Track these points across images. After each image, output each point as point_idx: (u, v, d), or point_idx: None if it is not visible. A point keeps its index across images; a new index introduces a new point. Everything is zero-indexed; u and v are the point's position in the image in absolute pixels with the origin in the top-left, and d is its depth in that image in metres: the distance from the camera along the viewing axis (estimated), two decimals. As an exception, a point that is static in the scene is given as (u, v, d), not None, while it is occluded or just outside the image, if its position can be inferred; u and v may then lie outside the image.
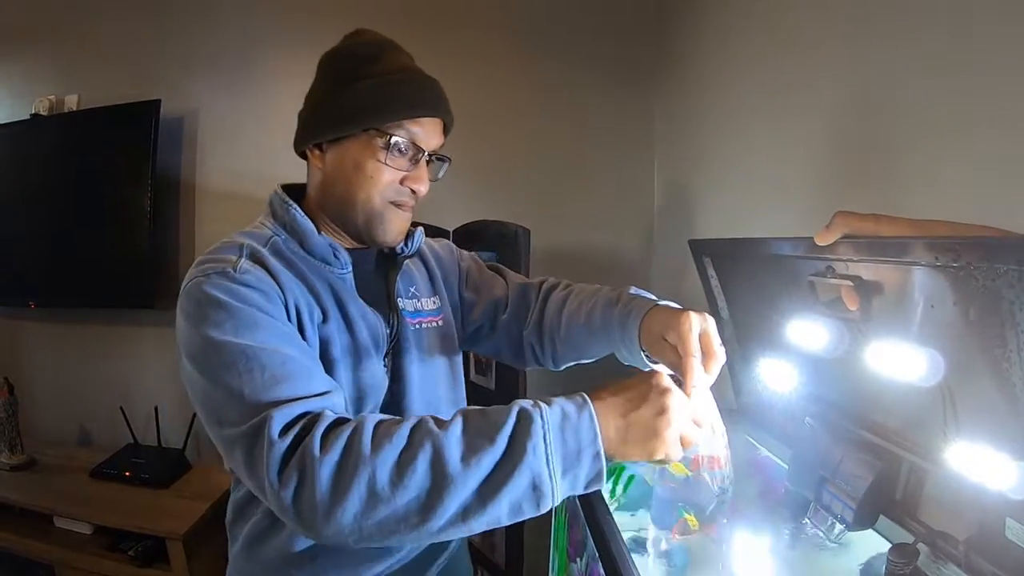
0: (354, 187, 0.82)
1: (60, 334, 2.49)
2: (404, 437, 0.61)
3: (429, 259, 1.03)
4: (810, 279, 0.96)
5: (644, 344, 0.81)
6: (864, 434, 0.95)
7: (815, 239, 0.81)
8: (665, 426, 0.62)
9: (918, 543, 0.81)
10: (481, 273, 1.08)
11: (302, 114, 0.87)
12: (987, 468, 0.68)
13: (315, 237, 0.83)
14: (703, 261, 1.26)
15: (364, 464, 0.59)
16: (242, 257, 0.76)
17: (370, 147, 0.80)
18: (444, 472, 0.58)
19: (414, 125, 0.81)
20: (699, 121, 1.89)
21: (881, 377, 0.83)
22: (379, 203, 0.83)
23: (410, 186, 0.84)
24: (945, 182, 0.92)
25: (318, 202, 0.87)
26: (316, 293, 0.81)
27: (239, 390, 0.66)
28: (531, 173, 2.22)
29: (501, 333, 1.05)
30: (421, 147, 0.83)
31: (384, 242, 0.87)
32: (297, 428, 0.63)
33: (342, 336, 0.82)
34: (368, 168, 0.81)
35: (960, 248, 0.62)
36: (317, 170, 0.86)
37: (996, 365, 0.67)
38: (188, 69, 2.26)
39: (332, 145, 0.83)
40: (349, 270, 0.86)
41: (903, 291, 0.80)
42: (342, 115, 0.80)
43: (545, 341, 1.01)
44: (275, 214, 0.87)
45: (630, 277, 2.18)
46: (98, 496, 1.97)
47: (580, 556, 1.12)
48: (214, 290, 0.71)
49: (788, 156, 1.36)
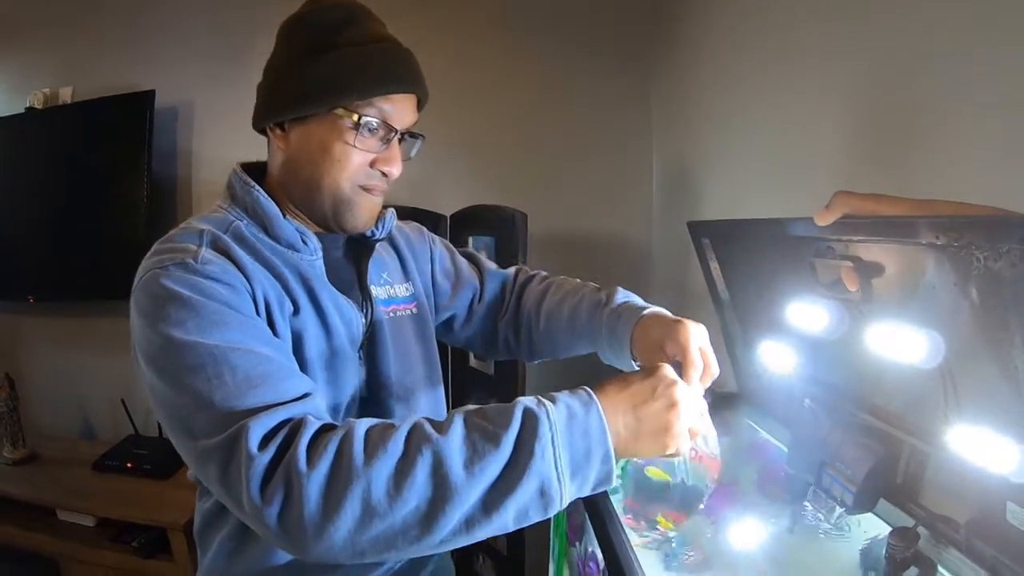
0: (320, 171, 0.76)
1: (60, 328, 2.49)
2: (400, 444, 0.56)
3: (400, 243, 0.97)
4: (810, 260, 0.95)
5: (636, 352, 0.80)
6: (865, 417, 0.94)
7: (815, 219, 0.79)
8: (676, 419, 0.60)
9: (918, 527, 0.80)
10: (454, 259, 1.04)
11: (261, 88, 0.79)
12: (988, 451, 0.67)
13: (280, 221, 0.77)
14: (702, 243, 1.24)
15: (357, 477, 0.54)
16: (203, 246, 0.70)
17: (337, 127, 0.74)
18: (446, 481, 0.54)
19: (385, 102, 0.74)
20: (698, 102, 1.85)
21: (882, 359, 0.81)
22: (348, 188, 0.77)
23: (381, 168, 0.77)
24: (958, 166, 0.90)
25: (280, 184, 0.80)
26: (284, 282, 0.75)
27: (209, 397, 0.59)
28: (528, 157, 2.20)
29: (475, 323, 1.03)
30: (393, 126, 0.76)
31: (353, 229, 0.81)
32: (279, 439, 0.57)
33: (315, 328, 0.77)
34: (335, 151, 0.74)
35: (962, 227, 0.60)
36: (279, 151, 0.79)
37: (998, 347, 0.65)
38: (182, 59, 2.24)
39: (295, 124, 0.76)
40: (319, 256, 0.80)
41: (904, 272, 0.79)
42: (306, 92, 0.73)
43: (521, 334, 0.99)
44: (235, 197, 0.79)
45: (630, 261, 2.18)
46: (100, 488, 1.97)
47: (579, 540, 1.12)
48: (174, 284, 0.64)
49: (791, 137, 1.33)
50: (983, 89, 0.84)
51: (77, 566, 1.88)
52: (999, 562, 0.70)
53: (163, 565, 1.79)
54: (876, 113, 1.07)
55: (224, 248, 0.71)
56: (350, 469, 0.54)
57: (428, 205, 1.94)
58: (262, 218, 0.77)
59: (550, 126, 2.19)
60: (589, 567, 1.03)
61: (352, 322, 0.81)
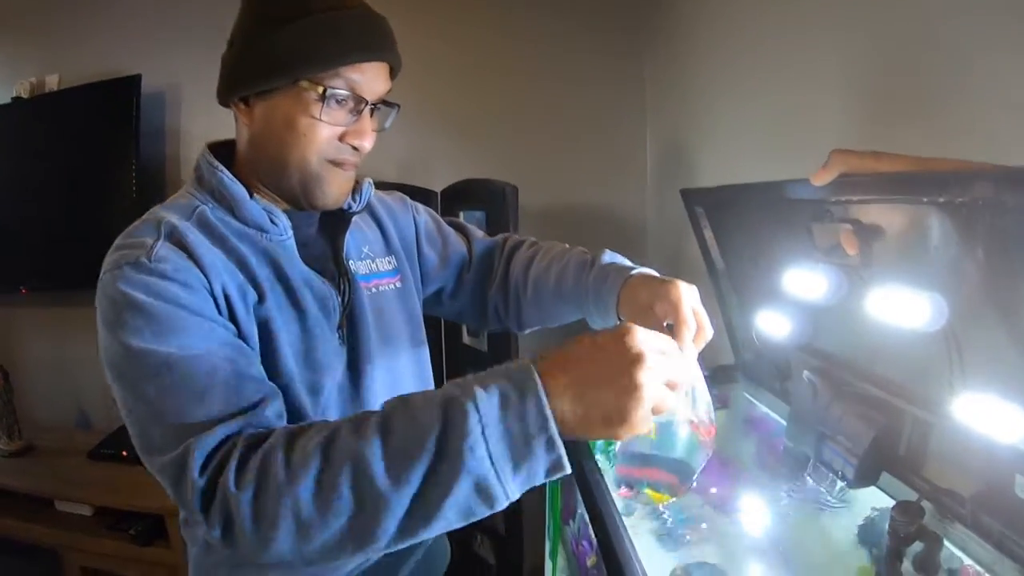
0: (286, 147, 0.71)
1: (53, 318, 2.47)
2: (319, 456, 0.54)
3: (381, 214, 0.93)
4: (808, 225, 0.90)
5: (624, 313, 0.76)
6: (866, 387, 0.90)
7: (811, 180, 0.75)
8: (635, 407, 0.51)
9: (922, 500, 0.76)
10: (440, 229, 1.00)
11: (224, 60, 0.74)
12: (996, 420, 0.63)
13: (247, 203, 0.73)
14: (696, 212, 1.19)
15: (283, 494, 0.53)
16: (159, 239, 0.67)
17: (302, 101, 0.69)
18: (370, 493, 0.52)
19: (353, 72, 0.70)
20: (692, 72, 1.80)
21: (883, 326, 0.77)
22: (316, 163, 0.72)
23: (351, 142, 0.73)
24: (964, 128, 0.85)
25: (248, 161, 0.76)
26: (249, 270, 0.71)
27: (161, 408, 0.59)
28: (520, 131, 2.15)
29: (465, 294, 0.99)
30: (363, 97, 0.71)
31: (323, 206, 0.77)
32: (215, 462, 0.57)
33: (285, 311, 0.73)
34: (301, 125, 0.70)
35: (966, 183, 0.55)
36: (244, 127, 0.75)
37: (1006, 310, 0.61)
38: (168, 42, 2.19)
39: (259, 98, 0.71)
40: (289, 235, 0.76)
41: (905, 233, 0.74)
42: (268, 64, 0.68)
43: (510, 302, 0.96)
44: (201, 180, 0.76)
45: (624, 233, 2.15)
46: (97, 477, 1.95)
47: (572, 519, 1.09)
48: (129, 288, 0.63)
49: (787, 104, 1.29)
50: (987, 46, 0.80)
51: (76, 556, 1.87)
52: (1007, 538, 0.66)
53: (161, 552, 1.77)
54: (874, 76, 1.03)
55: (180, 239, 0.68)
56: (275, 487, 0.54)
57: (418, 181, 1.91)
58: (228, 201, 0.74)
59: (541, 98, 2.14)
60: (583, 545, 1.01)
61: (327, 300, 0.78)
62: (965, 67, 0.86)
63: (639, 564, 0.74)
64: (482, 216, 1.76)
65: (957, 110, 0.87)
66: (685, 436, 0.67)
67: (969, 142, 0.84)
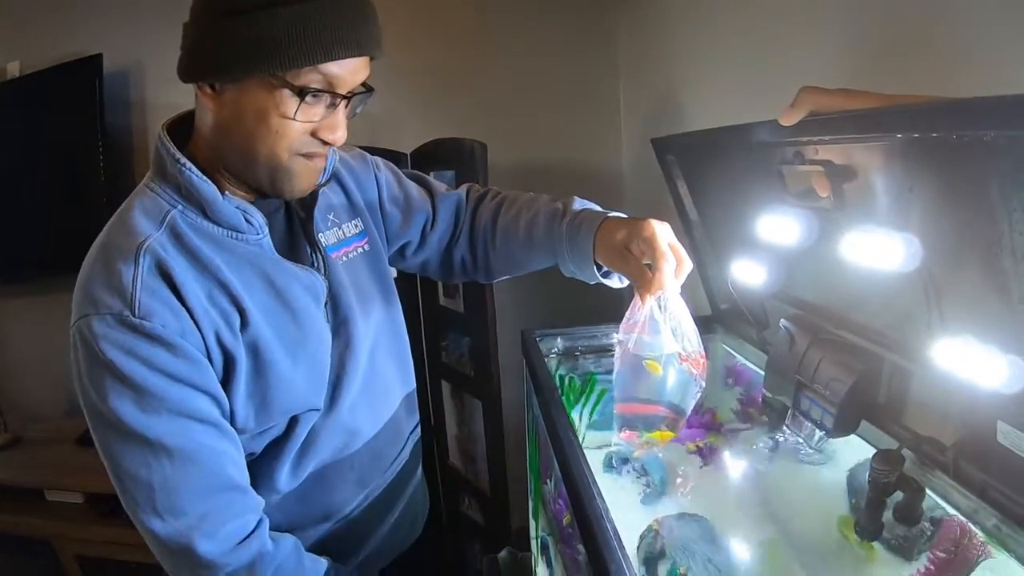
0: (255, 140, 0.66)
1: (31, 307, 2.42)
2: None
3: (344, 177, 0.89)
4: (778, 169, 0.86)
5: (600, 257, 0.76)
6: (843, 335, 0.87)
7: (780, 119, 0.70)
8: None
9: (903, 449, 0.74)
10: (401, 183, 0.96)
11: (188, 36, 0.67)
12: (976, 365, 0.60)
13: (219, 204, 0.68)
14: (667, 160, 1.14)
15: None
16: (139, 274, 0.64)
17: (275, 96, 0.63)
18: None
19: (332, 67, 0.64)
20: (664, 16, 1.72)
21: (859, 271, 0.74)
22: (286, 159, 0.68)
23: (323, 137, 0.68)
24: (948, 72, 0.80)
25: (210, 146, 0.70)
26: (230, 289, 0.68)
27: (148, 480, 0.64)
28: (487, 86, 2.07)
29: (430, 247, 0.97)
30: (339, 92, 0.66)
31: (291, 197, 0.73)
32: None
33: (277, 316, 0.72)
34: (273, 122, 0.65)
35: (939, 115, 0.50)
36: (208, 111, 0.68)
37: (984, 250, 0.57)
38: (127, 19, 2.08)
39: (229, 86, 0.65)
40: (265, 232, 0.73)
41: (878, 173, 0.69)
42: (239, 54, 0.61)
43: (478, 254, 0.94)
44: (165, 174, 0.70)
45: (599, 189, 2.08)
46: (87, 464, 1.93)
47: (549, 478, 1.08)
48: (113, 350, 0.62)
49: (764, 51, 1.22)
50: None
51: (70, 545, 1.87)
52: (989, 486, 0.64)
53: (154, 535, 1.78)
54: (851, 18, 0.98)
55: (165, 269, 0.65)
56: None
57: (388, 144, 1.85)
58: (198, 201, 0.69)
59: (509, 52, 2.06)
60: (559, 504, 0.99)
61: (315, 287, 0.77)
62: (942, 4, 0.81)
63: (611, 523, 0.72)
64: (452, 176, 1.73)
65: (937, 48, 0.83)
66: (676, 370, 0.67)
67: (949, 79, 0.80)
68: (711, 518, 0.89)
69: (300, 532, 0.81)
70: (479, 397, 1.76)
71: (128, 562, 1.82)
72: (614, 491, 1.01)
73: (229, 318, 0.68)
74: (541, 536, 1.21)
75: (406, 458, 0.97)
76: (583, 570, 0.79)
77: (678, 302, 0.66)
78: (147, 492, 0.65)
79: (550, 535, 1.10)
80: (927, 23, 0.85)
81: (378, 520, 0.92)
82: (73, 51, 2.08)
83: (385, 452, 0.92)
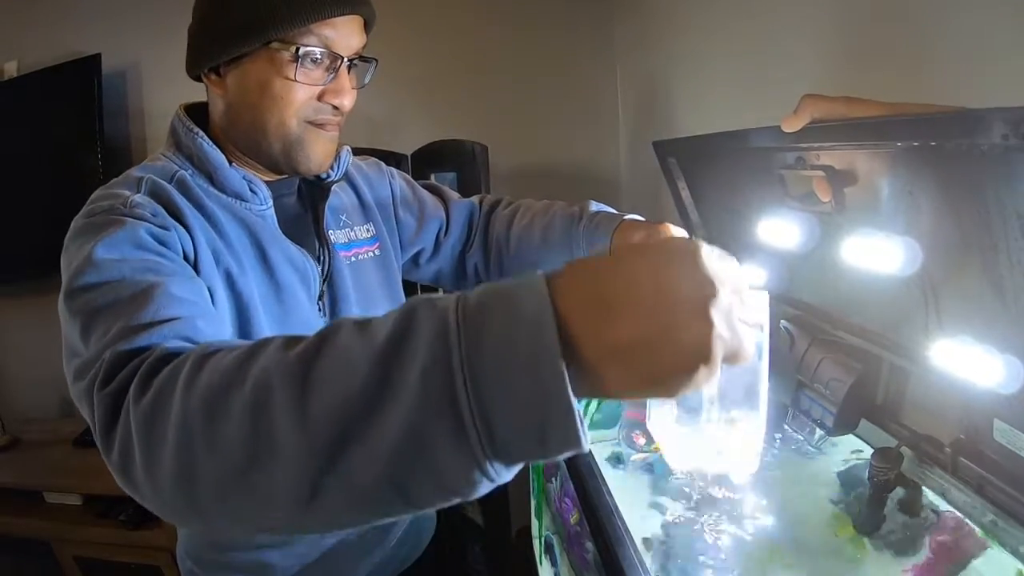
0: (264, 112, 0.68)
1: (27, 309, 2.40)
2: (232, 368, 0.39)
3: (358, 181, 0.90)
4: (780, 173, 0.87)
5: None
6: (843, 335, 0.89)
7: (782, 126, 0.71)
8: (708, 335, 0.31)
9: (902, 447, 0.76)
10: (415, 192, 0.97)
11: (190, 31, 0.71)
12: (973, 365, 0.62)
13: (226, 170, 0.71)
14: (668, 163, 1.16)
15: (174, 407, 0.40)
16: (138, 192, 0.64)
17: (275, 62, 0.66)
18: (266, 433, 0.36)
19: (326, 28, 0.66)
20: (663, 20, 1.73)
21: (859, 273, 0.76)
22: (296, 126, 0.69)
23: (330, 101, 0.70)
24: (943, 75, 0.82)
25: (224, 132, 0.73)
26: (228, 240, 0.69)
27: (95, 319, 0.51)
28: (487, 88, 2.08)
29: (443, 255, 0.97)
30: (338, 53, 0.68)
31: (308, 171, 0.74)
32: (124, 372, 0.45)
33: (262, 286, 0.71)
34: (276, 88, 0.67)
35: (938, 125, 0.52)
36: (217, 97, 0.71)
37: (981, 253, 0.59)
38: (126, 18, 2.08)
39: (231, 67, 0.68)
40: (269, 205, 0.74)
41: (879, 179, 0.71)
42: (236, 28, 0.65)
43: (491, 260, 0.95)
44: (179, 144, 0.73)
45: (598, 189, 2.09)
46: (84, 465, 1.93)
47: (555, 476, 1.09)
48: (96, 218, 0.60)
49: (763, 52, 1.23)
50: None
51: (68, 546, 1.86)
52: (986, 481, 0.66)
53: (151, 534, 1.77)
54: (850, 20, 0.99)
55: (164, 195, 0.65)
56: (170, 400, 0.40)
57: (388, 145, 1.85)
58: (207, 167, 0.71)
59: (509, 55, 2.07)
60: (565, 503, 1.01)
61: (307, 273, 0.76)
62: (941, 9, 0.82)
63: (621, 520, 0.74)
64: (453, 177, 1.74)
65: (933, 53, 0.84)
66: None
67: (945, 85, 0.81)
68: (712, 515, 0.90)
69: (297, 548, 0.81)
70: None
71: (127, 563, 1.82)
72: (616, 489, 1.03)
73: (219, 255, 0.67)
74: (545, 535, 1.22)
75: None
76: (592, 568, 0.80)
77: None
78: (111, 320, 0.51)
79: (555, 534, 1.11)
80: (926, 29, 0.87)
81: (381, 536, 0.90)
82: (71, 51, 2.08)
83: None
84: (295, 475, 0.35)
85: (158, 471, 0.40)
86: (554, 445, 0.32)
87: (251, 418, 0.37)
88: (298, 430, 0.35)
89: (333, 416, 0.34)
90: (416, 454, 0.33)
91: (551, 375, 0.30)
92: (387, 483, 0.34)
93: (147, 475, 0.41)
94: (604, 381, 0.32)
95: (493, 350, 0.31)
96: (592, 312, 0.32)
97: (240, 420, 0.37)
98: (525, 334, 0.31)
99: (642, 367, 0.32)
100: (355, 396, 0.34)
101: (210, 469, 0.38)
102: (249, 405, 0.37)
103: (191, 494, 0.40)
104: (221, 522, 0.43)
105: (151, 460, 0.41)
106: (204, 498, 0.39)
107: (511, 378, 0.31)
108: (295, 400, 0.35)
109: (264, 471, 0.36)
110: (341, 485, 0.35)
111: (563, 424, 0.31)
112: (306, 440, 0.35)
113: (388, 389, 0.33)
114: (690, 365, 0.31)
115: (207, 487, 0.39)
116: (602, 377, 0.32)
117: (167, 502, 0.42)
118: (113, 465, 0.44)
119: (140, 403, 0.42)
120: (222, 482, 0.38)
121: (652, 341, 0.31)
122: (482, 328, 0.32)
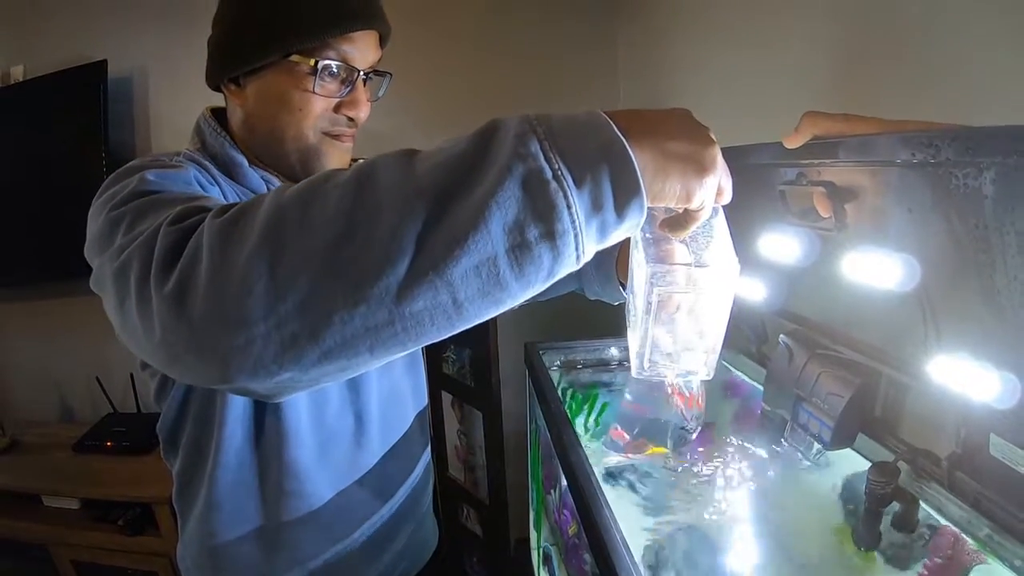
0: (282, 122, 0.72)
1: (27, 313, 2.43)
2: (321, 179, 0.42)
3: None
4: (780, 188, 0.88)
5: (622, 274, 0.80)
6: (841, 350, 0.89)
7: (783, 142, 0.73)
8: (711, 161, 0.45)
9: (899, 461, 0.77)
10: None
11: (211, 42, 0.74)
12: (970, 380, 0.63)
13: (246, 169, 0.74)
14: (670, 177, 1.16)
15: (261, 207, 0.41)
16: (177, 156, 0.69)
17: (294, 75, 0.69)
18: (370, 195, 0.38)
19: (344, 42, 0.69)
20: (665, 35, 1.75)
21: (858, 289, 0.76)
22: (313, 137, 0.73)
23: (346, 113, 0.73)
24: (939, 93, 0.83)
25: (243, 141, 0.76)
26: None
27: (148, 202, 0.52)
28: (491, 102, 2.08)
29: None
30: (355, 66, 0.71)
31: None
32: (200, 212, 0.45)
33: None
34: (295, 100, 0.70)
35: (938, 143, 0.53)
36: (237, 107, 0.75)
37: (979, 270, 0.60)
38: (133, 24, 2.10)
39: (250, 77, 0.71)
40: None
41: (878, 195, 0.72)
42: (256, 41, 0.68)
43: None
44: (204, 143, 0.76)
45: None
46: (83, 470, 1.94)
47: (554, 488, 1.09)
48: (140, 163, 0.62)
49: (766, 72, 1.25)
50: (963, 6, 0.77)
51: (66, 550, 1.87)
52: (983, 496, 0.66)
53: (150, 540, 1.78)
54: (852, 37, 1.01)
55: (201, 164, 0.70)
56: (254, 209, 0.41)
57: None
58: (229, 166, 0.74)
59: (512, 70, 2.10)
60: (564, 514, 1.01)
61: None
62: (940, 25, 0.84)
63: (619, 533, 0.74)
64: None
65: (934, 71, 0.86)
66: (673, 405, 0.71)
67: (944, 101, 0.83)
68: (708, 530, 0.90)
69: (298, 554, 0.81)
70: (479, 408, 1.77)
71: (124, 568, 1.82)
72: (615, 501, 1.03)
73: None
74: (544, 546, 1.22)
75: (415, 481, 0.95)
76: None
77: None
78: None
79: (554, 545, 1.11)
80: (928, 47, 0.88)
81: (385, 544, 0.90)
82: (77, 56, 2.10)
83: (394, 472, 0.90)
84: (398, 231, 0.37)
85: (229, 272, 0.38)
86: (620, 190, 0.40)
87: (354, 189, 0.39)
88: (402, 183, 0.39)
89: (438, 174, 0.39)
90: (514, 201, 0.38)
91: (608, 137, 0.41)
92: (485, 233, 0.37)
93: (211, 286, 0.39)
94: (640, 155, 0.41)
95: (562, 124, 0.41)
96: (633, 118, 0.43)
97: (341, 195, 0.39)
98: (584, 118, 0.42)
99: (669, 150, 0.44)
100: (455, 159, 0.39)
101: (298, 249, 0.38)
102: (351, 181, 0.40)
103: (262, 293, 0.37)
104: (285, 330, 0.38)
105: (223, 261, 0.39)
106: (278, 290, 0.37)
107: (581, 135, 0.41)
108: (401, 167, 0.40)
109: (362, 236, 0.37)
110: (444, 238, 0.37)
111: (622, 167, 0.40)
112: (413, 189, 0.38)
113: (486, 155, 0.39)
114: (704, 166, 0.45)
115: (287, 276, 0.37)
116: (639, 153, 0.41)
117: (226, 315, 0.38)
118: (165, 298, 0.41)
119: (221, 217, 0.41)
120: (310, 261, 0.37)
121: (678, 142, 0.44)
122: (550, 119, 0.41)
